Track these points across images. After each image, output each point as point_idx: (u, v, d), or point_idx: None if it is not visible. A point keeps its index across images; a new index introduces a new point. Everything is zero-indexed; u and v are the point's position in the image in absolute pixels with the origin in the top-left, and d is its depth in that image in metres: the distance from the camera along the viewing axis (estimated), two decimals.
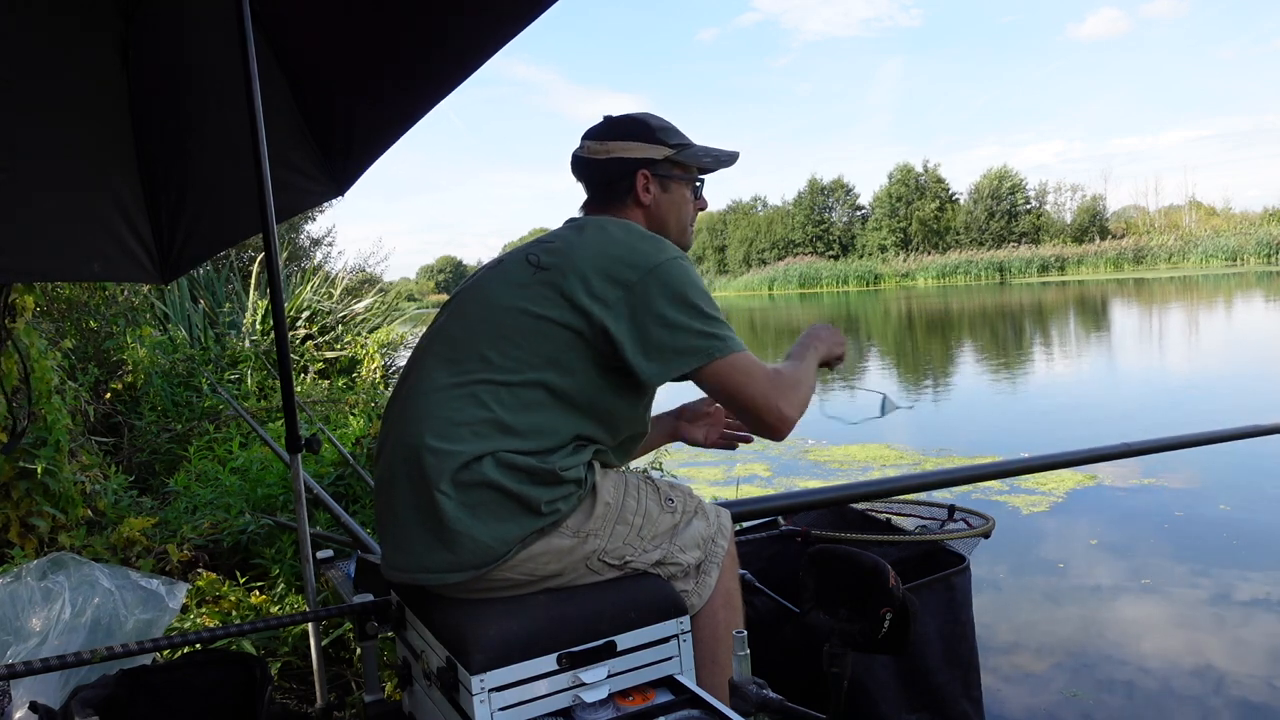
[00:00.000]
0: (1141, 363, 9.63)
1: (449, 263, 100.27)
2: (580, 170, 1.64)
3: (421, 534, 1.36)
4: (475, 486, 1.33)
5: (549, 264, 1.44)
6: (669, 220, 1.63)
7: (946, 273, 40.75)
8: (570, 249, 1.45)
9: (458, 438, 1.34)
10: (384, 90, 2.14)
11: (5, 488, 2.67)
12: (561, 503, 1.37)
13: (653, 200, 1.60)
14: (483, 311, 1.45)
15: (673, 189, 1.63)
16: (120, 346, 5.16)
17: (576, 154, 1.64)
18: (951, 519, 2.23)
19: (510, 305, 1.42)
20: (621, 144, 1.59)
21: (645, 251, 1.42)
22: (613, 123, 1.63)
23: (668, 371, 1.39)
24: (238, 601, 2.47)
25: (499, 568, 1.35)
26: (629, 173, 1.59)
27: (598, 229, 1.49)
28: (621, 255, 1.42)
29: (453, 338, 1.46)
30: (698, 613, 1.48)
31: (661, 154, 1.60)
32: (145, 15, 2.07)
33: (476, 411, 1.36)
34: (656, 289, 1.39)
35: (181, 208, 2.36)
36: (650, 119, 1.63)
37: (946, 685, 1.93)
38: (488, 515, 1.33)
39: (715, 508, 1.58)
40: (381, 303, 9.61)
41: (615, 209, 1.60)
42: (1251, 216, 42.36)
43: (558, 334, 1.38)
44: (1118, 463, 4.93)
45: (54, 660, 1.43)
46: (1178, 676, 2.45)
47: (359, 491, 3.32)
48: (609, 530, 1.41)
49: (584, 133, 1.65)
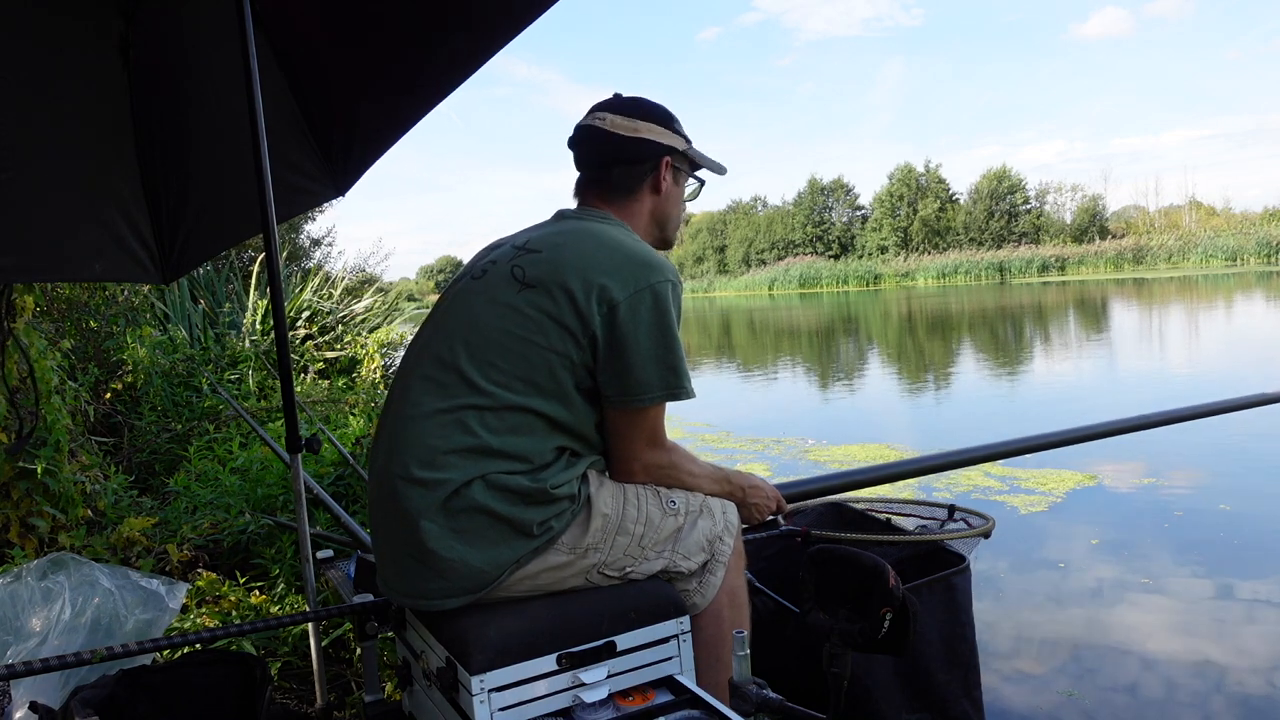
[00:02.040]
0: (1142, 362, 9.63)
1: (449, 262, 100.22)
2: (593, 142, 1.54)
3: (413, 563, 1.34)
4: (465, 513, 1.31)
5: (534, 279, 1.39)
6: (671, 214, 1.61)
7: (946, 273, 40.74)
8: (557, 262, 1.40)
9: (445, 465, 1.32)
10: (385, 90, 2.14)
11: (5, 488, 2.67)
12: (555, 520, 1.35)
13: (666, 190, 1.57)
14: (467, 332, 1.40)
15: (680, 183, 1.60)
16: (120, 346, 5.16)
17: (590, 124, 1.54)
18: (951, 519, 2.23)
19: (495, 326, 1.38)
20: (650, 125, 1.53)
21: (638, 269, 1.39)
22: (637, 101, 1.55)
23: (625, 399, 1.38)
24: (238, 601, 2.47)
25: (494, 590, 1.34)
26: (654, 156, 1.54)
27: (589, 237, 1.44)
28: (613, 269, 1.37)
29: (439, 359, 1.40)
30: (702, 612, 1.46)
31: (682, 145, 1.57)
32: (145, 15, 2.06)
33: (463, 438, 1.33)
34: (642, 312, 1.37)
35: (182, 208, 2.36)
36: (668, 109, 1.58)
37: (946, 685, 1.93)
38: (479, 540, 1.31)
39: (721, 502, 1.55)
40: (381, 303, 9.63)
41: (625, 191, 1.54)
42: (1252, 216, 42.38)
43: (543, 356, 1.35)
44: (1118, 462, 4.93)
45: (54, 660, 1.43)
46: (1179, 676, 2.45)
47: (359, 491, 3.32)
48: (609, 543, 1.39)
49: (597, 104, 1.56)
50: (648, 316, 1.37)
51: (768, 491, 1.65)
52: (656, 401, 1.41)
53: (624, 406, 1.40)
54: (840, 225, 54.32)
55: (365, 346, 7.17)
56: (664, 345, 1.39)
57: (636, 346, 1.37)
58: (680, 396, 1.42)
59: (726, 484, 1.58)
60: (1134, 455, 5.11)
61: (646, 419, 1.43)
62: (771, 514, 1.67)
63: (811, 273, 45.07)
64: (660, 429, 1.47)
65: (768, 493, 1.65)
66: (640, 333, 1.37)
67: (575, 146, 1.58)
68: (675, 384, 1.40)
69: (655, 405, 1.42)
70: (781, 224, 55.07)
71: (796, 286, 43.86)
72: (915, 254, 46.71)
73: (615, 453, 1.46)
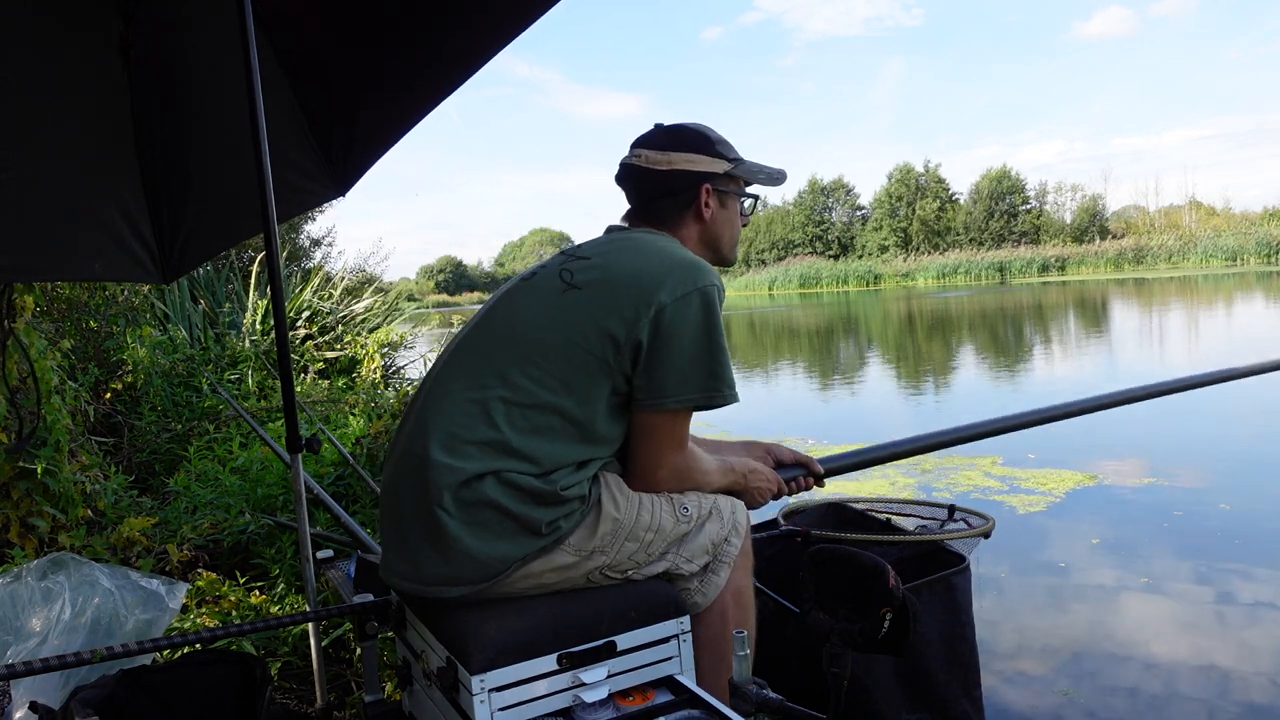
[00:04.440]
0: (1141, 362, 9.64)
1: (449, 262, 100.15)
2: (633, 179, 1.59)
3: (422, 545, 1.35)
4: (476, 505, 1.31)
5: (582, 283, 1.41)
6: (723, 236, 1.62)
7: (946, 273, 40.74)
8: (606, 270, 1.42)
9: (463, 454, 1.33)
10: (386, 90, 2.14)
11: (5, 488, 2.67)
12: (563, 520, 1.35)
13: (711, 215, 1.58)
14: (508, 329, 1.43)
15: (729, 204, 1.62)
16: (120, 346, 5.16)
17: (629, 163, 1.59)
18: (951, 519, 2.23)
19: (536, 325, 1.40)
20: (684, 155, 1.55)
21: (686, 273, 1.40)
22: (671, 132, 1.59)
23: (659, 400, 1.38)
24: (238, 601, 2.47)
25: (497, 584, 1.34)
26: (692, 186, 1.56)
27: (637, 249, 1.46)
28: (662, 274, 1.39)
29: (476, 350, 1.44)
30: (706, 611, 1.46)
31: (722, 168, 1.58)
32: (145, 15, 2.06)
33: (485, 430, 1.34)
34: (689, 314, 1.37)
35: (183, 207, 2.36)
36: (708, 131, 1.60)
37: (946, 685, 1.93)
38: (487, 534, 1.32)
39: (731, 503, 1.54)
40: (381, 303, 9.62)
41: (670, 222, 1.57)
42: (1252, 216, 42.38)
43: (581, 359, 1.36)
44: (1118, 462, 4.93)
45: (54, 660, 1.43)
46: (1180, 676, 2.45)
47: (359, 491, 3.32)
48: (616, 547, 1.39)
49: (636, 140, 1.61)
50: (695, 318, 1.38)
51: (767, 475, 1.65)
52: (690, 404, 1.40)
53: (657, 408, 1.39)
54: (840, 225, 54.34)
55: (365, 347, 7.16)
56: (708, 348, 1.39)
57: (681, 348, 1.37)
58: (717, 402, 1.41)
59: (731, 473, 1.58)
60: (1134, 455, 5.11)
61: (678, 422, 1.43)
62: (773, 496, 1.67)
63: (811, 273, 45.06)
64: (687, 432, 1.47)
65: (767, 475, 1.65)
66: (686, 334, 1.38)
67: (621, 184, 1.62)
68: (713, 388, 1.40)
69: (687, 409, 1.41)
70: (781, 224, 55.07)
71: (796, 287, 43.85)
72: (915, 254, 46.72)
73: (640, 459, 1.44)
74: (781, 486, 1.69)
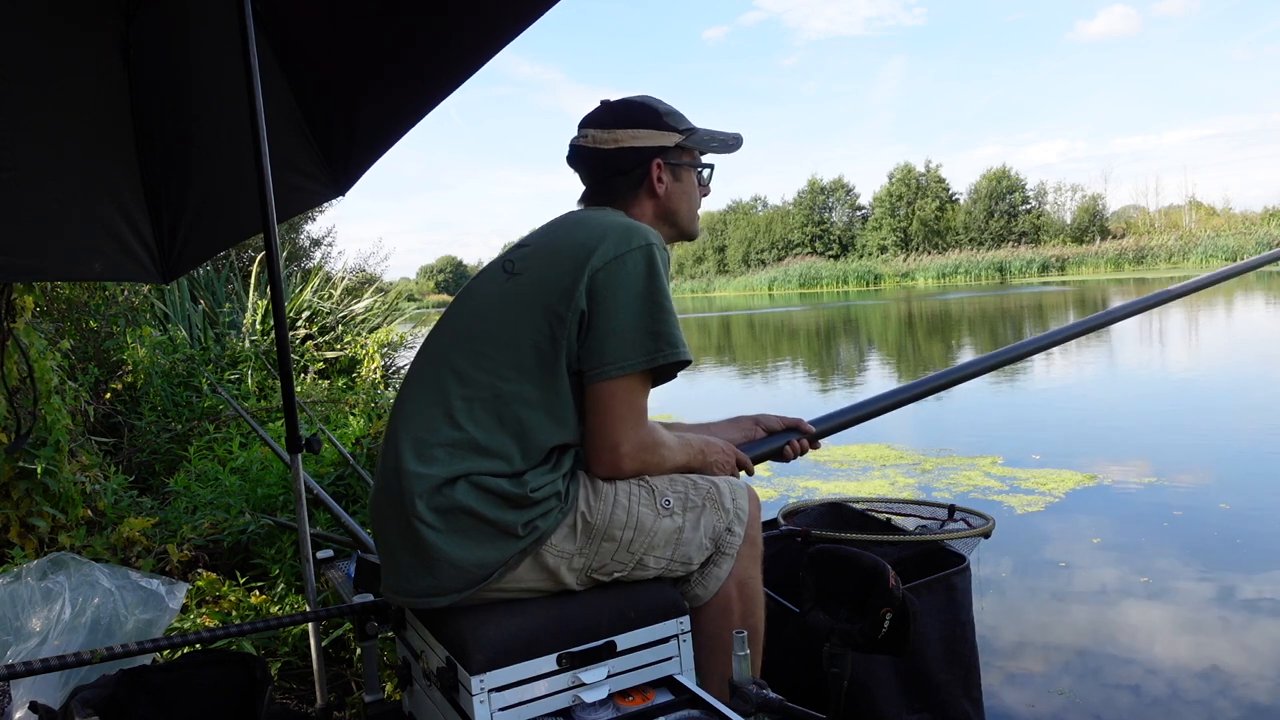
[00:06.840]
0: (1143, 362, 9.63)
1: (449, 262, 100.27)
2: (582, 161, 1.55)
3: (406, 557, 1.35)
4: (451, 512, 1.30)
5: (522, 269, 1.41)
6: (680, 210, 1.58)
7: (946, 273, 40.73)
8: (542, 251, 1.42)
9: (433, 459, 1.32)
10: (386, 89, 2.14)
11: (5, 488, 2.67)
12: (540, 520, 1.33)
13: (665, 190, 1.54)
14: (459, 328, 1.44)
15: (683, 176, 1.57)
16: (120, 346, 5.16)
17: (577, 143, 1.55)
18: (951, 519, 2.23)
19: (483, 318, 1.40)
20: (630, 132, 1.51)
21: (621, 234, 1.37)
22: (616, 109, 1.54)
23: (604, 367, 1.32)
24: (238, 601, 2.47)
25: (484, 589, 1.33)
26: (642, 162, 1.52)
27: (576, 223, 1.45)
28: (597, 239, 1.36)
29: (433, 355, 1.44)
30: (708, 604, 1.44)
31: (673, 140, 1.53)
32: (145, 15, 2.06)
33: (450, 431, 1.33)
34: (624, 274, 1.33)
35: (182, 207, 2.36)
36: (656, 103, 1.55)
37: (946, 685, 1.93)
38: (465, 540, 1.31)
39: (732, 488, 1.49)
40: (381, 303, 9.62)
41: (623, 200, 1.54)
42: (1252, 216, 42.37)
43: (530, 342, 1.34)
44: (1117, 462, 4.93)
45: (54, 660, 1.43)
46: (1180, 676, 2.45)
47: (359, 491, 3.32)
48: (594, 548, 1.37)
49: (582, 119, 1.56)
50: (632, 278, 1.34)
51: (724, 448, 1.59)
52: (636, 369, 1.33)
53: (603, 377, 1.32)
54: (840, 225, 54.33)
55: (365, 347, 7.16)
56: (648, 308, 1.34)
57: (619, 310, 1.32)
58: (663, 363, 1.33)
59: (688, 448, 1.51)
60: (1134, 455, 5.11)
61: (632, 394, 1.34)
62: (734, 470, 1.59)
63: (811, 273, 45.06)
64: (644, 404, 1.38)
65: (724, 449, 1.59)
66: (622, 296, 1.33)
67: (572, 166, 1.59)
68: (655, 348, 1.33)
69: (636, 374, 1.33)
70: (781, 224, 55.07)
71: (796, 286, 43.85)
72: (915, 254, 46.72)
73: (598, 440, 1.36)
74: (744, 460, 1.62)
